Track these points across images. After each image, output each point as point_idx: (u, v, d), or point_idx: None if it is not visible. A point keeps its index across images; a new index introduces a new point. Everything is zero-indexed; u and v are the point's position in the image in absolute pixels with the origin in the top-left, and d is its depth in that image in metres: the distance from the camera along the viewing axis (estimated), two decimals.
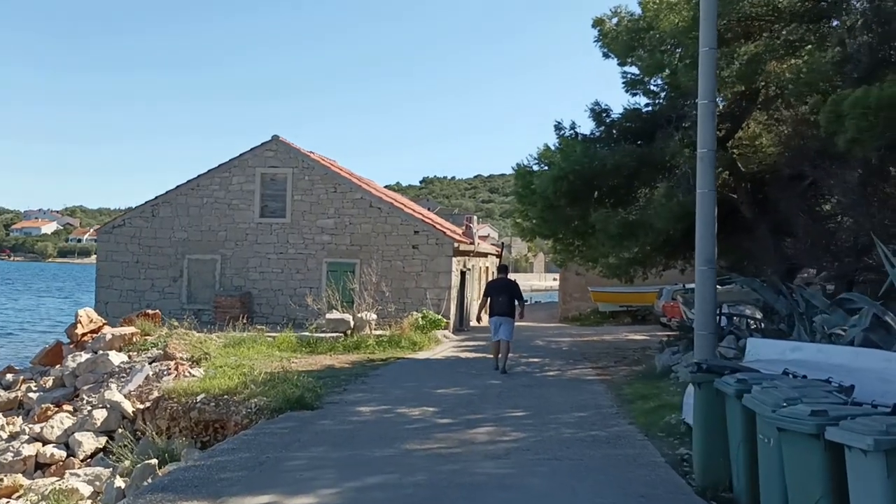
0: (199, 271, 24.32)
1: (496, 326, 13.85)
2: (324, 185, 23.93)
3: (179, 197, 24.46)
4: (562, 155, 15.46)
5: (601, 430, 8.51)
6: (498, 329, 13.81)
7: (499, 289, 14.26)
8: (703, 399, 6.25)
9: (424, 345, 18.44)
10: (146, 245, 24.47)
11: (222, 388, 10.51)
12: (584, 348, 19.28)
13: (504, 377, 13.15)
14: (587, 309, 32.52)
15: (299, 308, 21.48)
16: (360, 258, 23.41)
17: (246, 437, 8.13)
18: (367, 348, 17.29)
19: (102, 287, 24.63)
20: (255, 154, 24.20)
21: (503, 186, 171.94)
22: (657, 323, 27.46)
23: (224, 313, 22.65)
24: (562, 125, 16.30)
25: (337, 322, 18.38)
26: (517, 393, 11.38)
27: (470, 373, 13.83)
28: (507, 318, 13.76)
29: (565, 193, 15.04)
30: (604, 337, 23.22)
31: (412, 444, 7.77)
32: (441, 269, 23.24)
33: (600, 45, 17.04)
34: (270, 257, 24.05)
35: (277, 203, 24.12)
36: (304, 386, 10.42)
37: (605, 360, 16.28)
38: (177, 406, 10.49)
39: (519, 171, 16.52)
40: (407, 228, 23.55)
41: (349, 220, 23.76)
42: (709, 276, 11.22)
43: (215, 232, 24.26)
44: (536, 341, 21.16)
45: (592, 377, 13.41)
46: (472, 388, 11.77)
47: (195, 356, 15.28)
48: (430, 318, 19.90)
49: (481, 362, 15.66)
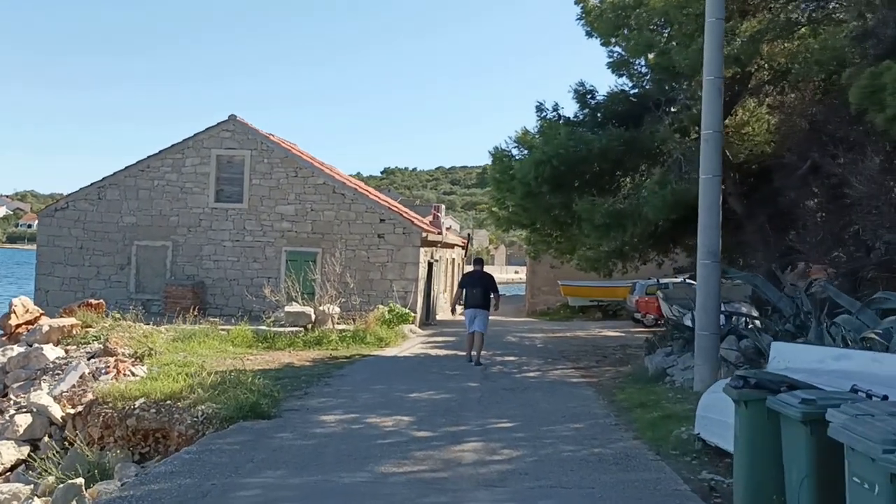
0: (148, 259, 22.73)
1: (471, 318, 13.66)
2: (284, 168, 22.49)
3: (128, 179, 22.81)
4: (544, 138, 14.32)
5: (605, 447, 7.37)
6: (473, 321, 13.64)
7: (474, 281, 13.98)
8: (750, 420, 5.13)
9: (391, 341, 17.19)
10: (91, 230, 22.80)
11: (165, 392, 9.13)
12: (559, 345, 18.21)
13: (482, 379, 11.99)
14: (556, 303, 31.56)
15: (256, 300, 20.10)
16: (323, 247, 22.05)
17: (189, 455, 6.81)
18: (330, 344, 15.99)
19: (43, 274, 22.90)
20: (211, 134, 22.67)
21: (465, 178, 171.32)
22: (629, 318, 26.61)
23: (175, 304, 21.10)
24: (543, 107, 15.15)
25: (297, 315, 17.02)
26: (500, 398, 10.20)
27: (444, 373, 12.63)
28: (482, 310, 13.61)
29: (547, 179, 13.90)
30: (577, 333, 22.20)
31: (388, 466, 6.54)
32: (408, 261, 21.99)
33: (583, 23, 15.92)
34: (226, 245, 22.56)
35: (234, 187, 22.63)
36: (260, 390, 9.10)
37: (585, 359, 15.21)
38: (112, 412, 9.09)
39: (496, 154, 15.33)
40: (372, 216, 22.24)
41: (311, 207, 22.37)
42: (712, 271, 10.18)
43: (167, 217, 22.69)
44: (508, 337, 20.06)
45: (577, 379, 12.30)
46: (450, 392, 10.56)
47: (139, 352, 13.83)
48: (397, 312, 18.66)
49: (453, 360, 14.48)
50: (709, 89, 10.22)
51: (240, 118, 22.67)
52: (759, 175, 15.36)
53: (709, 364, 9.96)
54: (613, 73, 15.70)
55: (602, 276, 18.21)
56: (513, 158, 15.13)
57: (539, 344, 18.70)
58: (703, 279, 10.17)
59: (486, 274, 14.38)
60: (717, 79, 10.19)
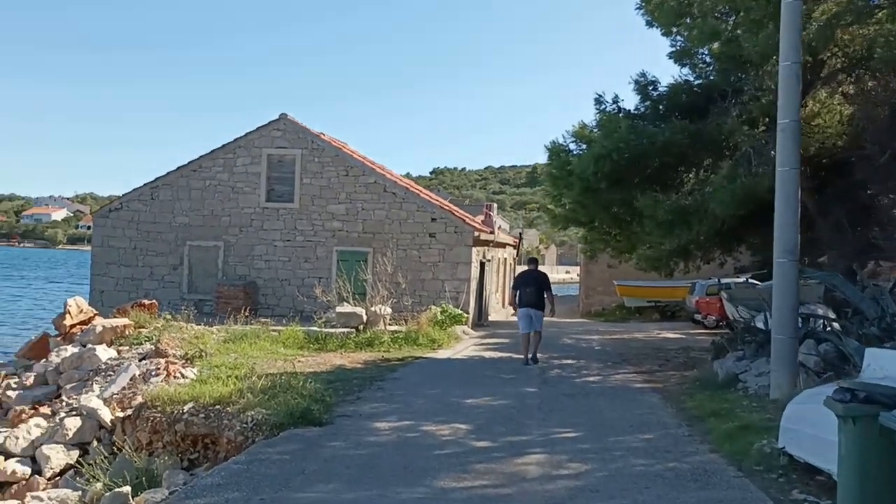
0: (200, 259, 22.70)
1: (526, 318, 13.59)
2: (335, 167, 22.23)
3: (181, 179, 22.80)
4: (603, 132, 13.74)
5: (680, 461, 6.80)
6: (528, 321, 13.58)
7: (528, 280, 13.89)
8: (860, 439, 4.53)
9: (444, 342, 16.76)
10: (145, 230, 22.85)
11: (214, 396, 8.82)
12: (618, 348, 17.56)
13: (541, 384, 11.47)
14: (611, 303, 30.79)
15: (307, 300, 19.86)
16: (374, 247, 21.73)
17: (237, 466, 6.45)
18: (382, 346, 15.63)
19: (98, 275, 23.03)
20: (262, 134, 22.51)
21: (514, 178, 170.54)
22: (688, 320, 25.76)
23: (226, 304, 21.00)
24: (603, 99, 14.56)
25: (348, 316, 16.70)
26: (561, 404, 9.68)
27: (500, 377, 12.14)
28: (537, 310, 13.56)
29: (607, 175, 13.33)
30: (635, 335, 21.47)
31: (448, 480, 6.08)
32: (460, 260, 21.53)
33: (643, 12, 15.28)
34: (277, 245, 22.39)
35: (285, 186, 22.45)
36: (311, 395, 8.74)
37: (647, 362, 14.55)
38: (160, 417, 8.82)
39: (553, 149, 14.79)
40: (424, 216, 21.84)
41: (362, 206, 22.06)
42: (790, 270, 9.48)
43: (218, 217, 22.62)
44: (564, 339, 19.46)
45: (640, 384, 11.69)
46: (507, 398, 10.07)
47: (190, 353, 13.63)
48: (449, 313, 18.22)
49: (509, 363, 13.98)
50: (786, 75, 9.54)
51: (290, 117, 22.49)
52: (832, 169, 14.54)
53: (786, 370, 9.28)
54: (676, 63, 15.07)
55: (663, 275, 17.53)
56: (570, 153, 14.58)
57: (596, 346, 18.07)
58: (779, 278, 9.49)
59: (540, 273, 14.19)
60: (795, 63, 9.50)
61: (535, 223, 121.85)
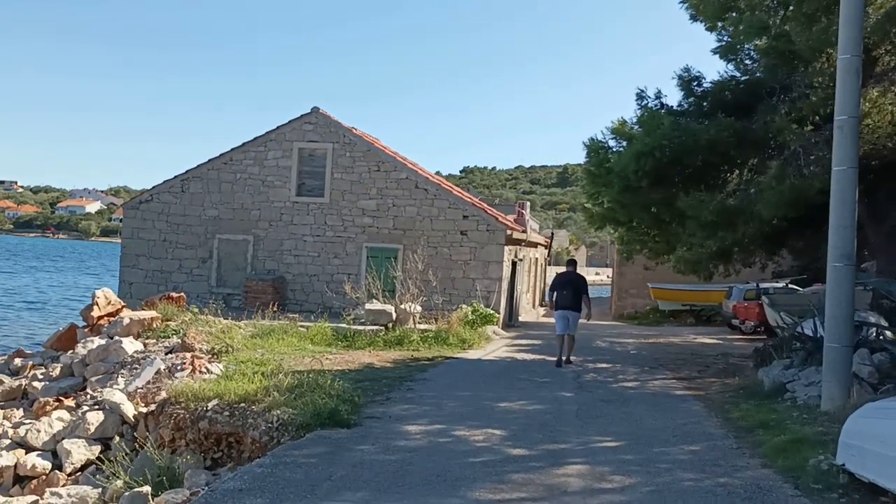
0: (229, 252, 22.53)
1: (563, 320, 13.60)
2: (366, 162, 21.93)
3: (211, 172, 22.65)
4: (645, 129, 13.26)
5: (731, 477, 6.35)
6: (564, 323, 13.60)
7: (566, 282, 13.85)
8: None
9: (474, 342, 16.38)
10: (174, 223, 22.73)
11: (239, 394, 8.52)
12: (654, 352, 17.06)
13: (577, 388, 11.05)
14: (645, 306, 30.18)
15: (336, 296, 19.61)
16: (404, 244, 21.40)
17: (261, 469, 6.12)
18: (411, 344, 15.30)
19: (127, 266, 22.96)
20: (294, 127, 22.28)
21: (545, 178, 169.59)
22: (725, 325, 25.11)
23: (255, 299, 20.80)
24: (645, 94, 14.05)
25: (377, 313, 16.40)
26: (599, 411, 9.26)
27: (533, 380, 11.74)
28: (574, 312, 13.60)
29: (648, 173, 12.85)
30: (670, 339, 20.93)
31: (483, 492, 5.70)
32: (492, 259, 21.13)
33: (686, 6, 14.76)
34: (307, 239, 22.15)
35: (315, 181, 22.20)
36: (339, 394, 8.40)
37: (685, 368, 14.05)
38: (184, 413, 8.54)
39: (592, 146, 14.35)
40: (455, 213, 21.46)
41: (392, 202, 21.74)
42: (845, 275, 8.94)
43: (248, 210, 22.43)
44: (597, 342, 18.98)
45: (681, 391, 11.21)
46: (542, 402, 9.67)
47: (217, 348, 13.40)
48: (480, 312, 17.83)
49: (542, 366, 13.58)
50: (844, 69, 9.02)
51: (322, 111, 22.23)
52: (882, 171, 13.92)
53: (839, 380, 8.77)
54: (721, 58, 14.56)
55: (702, 279, 16.97)
56: (609, 151, 14.13)
57: (632, 350, 17.58)
58: (834, 284, 8.97)
59: (578, 276, 14.20)
60: (855, 57, 8.98)
61: (566, 224, 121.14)
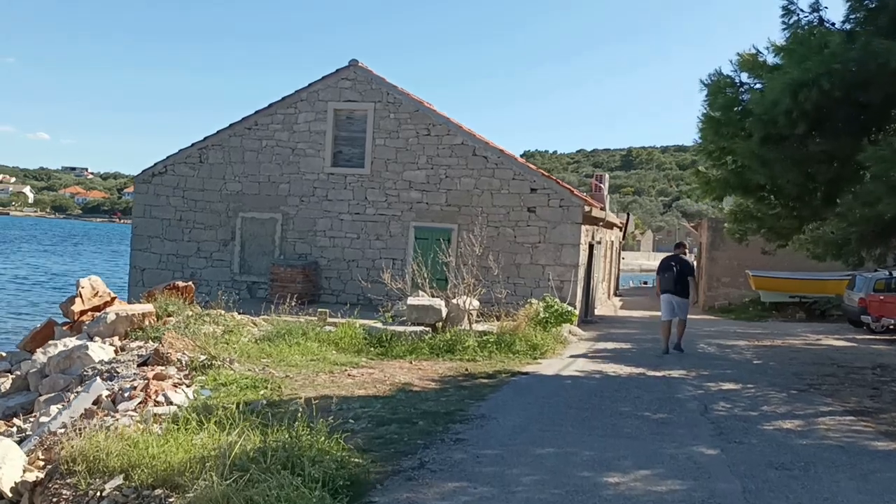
0: (254, 234, 19.16)
1: (668, 305, 13.01)
2: (413, 125, 18.24)
3: (233, 139, 19.26)
4: (800, 51, 9.20)
5: None
6: (669, 308, 13.01)
7: (671, 266, 13.11)
8: None
9: (548, 348, 12.59)
10: (192, 199, 19.45)
11: (159, 470, 4.96)
12: (781, 360, 13.03)
13: (716, 434, 7.17)
14: (740, 297, 25.84)
15: (373, 286, 16.09)
16: (459, 223, 17.70)
17: None
18: (465, 352, 11.61)
19: (139, 250, 19.79)
20: (328, 84, 18.70)
21: (607, 161, 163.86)
22: (846, 321, 20.75)
23: (282, 288, 17.38)
24: (794, 6, 9.94)
25: (422, 310, 12.74)
26: (776, 489, 5.41)
27: (643, 414, 7.93)
28: (679, 297, 12.95)
29: (807, 114, 8.84)
30: (788, 340, 16.77)
31: None
32: (566, 241, 17.26)
33: None
34: (343, 218, 18.62)
35: (354, 148, 18.62)
36: (332, 474, 4.74)
37: (844, 389, 10.07)
38: (70, 496, 5.02)
39: (716, 84, 10.38)
40: (521, 185, 17.63)
41: (445, 173, 18.03)
42: None
43: (276, 184, 19.00)
44: (700, 343, 15.01)
45: (875, 438, 7.27)
46: (675, 470, 5.86)
47: (202, 359, 9.91)
48: (556, 309, 13.99)
49: (646, 385, 9.78)
50: None
51: (362, 64, 18.60)
52: None
53: None
54: None
55: (848, 265, 12.84)
56: (742, 88, 10.13)
57: (751, 357, 13.56)
58: None
59: (685, 259, 13.54)
60: None
61: (630, 207, 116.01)
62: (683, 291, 12.87)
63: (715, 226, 26.69)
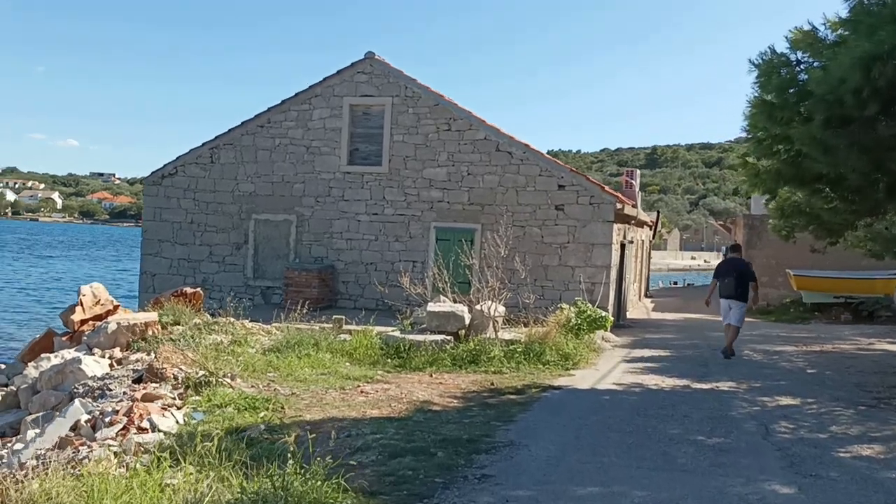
0: (268, 236, 18.29)
1: (725, 309, 12.90)
2: (433, 120, 17.26)
3: (245, 137, 18.41)
4: (870, 22, 8.09)
5: None
6: (727, 312, 12.88)
7: (729, 269, 12.93)
8: None
9: (581, 358, 11.53)
10: (203, 201, 18.61)
11: None
12: (837, 368, 11.87)
13: (788, 467, 6.10)
14: (779, 298, 24.52)
15: (389, 292, 15.17)
16: (482, 223, 16.70)
17: None
18: (491, 363, 10.61)
19: (149, 255, 18.99)
20: (344, 78, 17.78)
21: (632, 160, 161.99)
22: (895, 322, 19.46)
23: (297, 293, 16.48)
24: None
25: (443, 317, 11.74)
26: None
27: (696, 439, 6.88)
28: (736, 301, 12.76)
29: (879, 92, 7.73)
30: (838, 345, 15.55)
31: None
32: (597, 241, 16.19)
33: None
34: (361, 219, 17.69)
35: (371, 145, 17.68)
36: None
37: None
38: None
39: (766, 65, 9.28)
40: (548, 181, 16.59)
41: (467, 170, 17.03)
42: None
43: (290, 184, 18.11)
44: (745, 350, 13.90)
45: None
46: None
47: (200, 375, 9.00)
48: (589, 314, 12.91)
49: (693, 400, 8.72)
50: None
51: (379, 56, 17.66)
52: None
53: None
54: None
55: None
56: (799, 67, 9.03)
57: (803, 364, 12.43)
58: None
59: (744, 262, 13.26)
60: None
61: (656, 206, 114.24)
62: (742, 296, 12.68)
63: (751, 223, 25.40)
